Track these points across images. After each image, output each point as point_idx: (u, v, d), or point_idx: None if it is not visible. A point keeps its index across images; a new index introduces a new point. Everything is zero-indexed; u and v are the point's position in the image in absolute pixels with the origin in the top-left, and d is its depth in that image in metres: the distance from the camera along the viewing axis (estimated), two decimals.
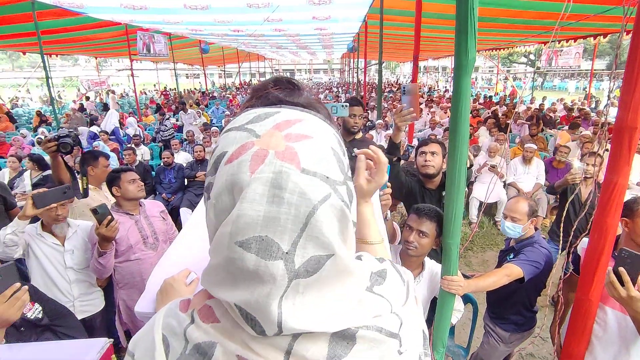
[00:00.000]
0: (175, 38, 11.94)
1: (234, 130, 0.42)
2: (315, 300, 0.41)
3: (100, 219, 1.80)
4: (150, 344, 0.46)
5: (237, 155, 0.39)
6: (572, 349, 1.58)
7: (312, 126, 0.43)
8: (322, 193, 0.38)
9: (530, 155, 4.87)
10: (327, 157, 0.41)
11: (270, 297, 0.38)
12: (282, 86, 0.50)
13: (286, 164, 0.38)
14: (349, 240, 0.43)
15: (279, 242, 0.37)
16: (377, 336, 0.44)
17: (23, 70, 35.41)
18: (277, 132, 0.40)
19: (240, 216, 0.37)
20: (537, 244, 1.91)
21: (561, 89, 29.15)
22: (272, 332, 0.40)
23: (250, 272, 0.38)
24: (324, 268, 0.40)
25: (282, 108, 0.44)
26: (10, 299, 1.11)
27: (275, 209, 0.37)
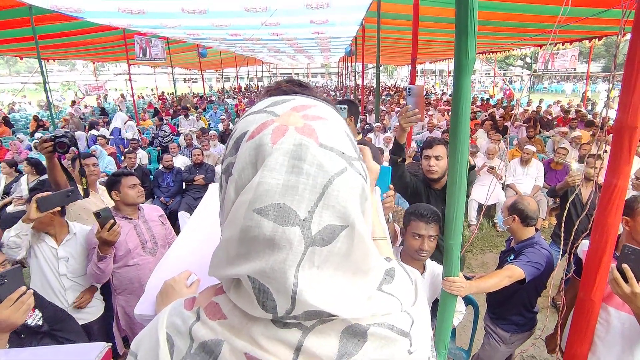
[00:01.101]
0: (173, 42, 11.95)
1: (253, 114, 0.44)
2: (330, 280, 0.41)
3: (102, 223, 1.79)
4: (154, 343, 0.44)
5: (258, 132, 0.41)
6: (574, 349, 1.57)
7: (326, 111, 0.45)
8: (339, 166, 0.40)
9: (528, 157, 4.89)
10: (342, 136, 0.43)
11: (287, 264, 0.38)
12: (294, 85, 0.52)
13: (305, 137, 0.39)
14: (367, 217, 0.43)
15: (296, 209, 0.38)
16: (389, 334, 0.43)
17: (20, 75, 35.37)
18: (295, 112, 0.42)
19: (261, 184, 0.38)
20: (538, 245, 1.91)
21: (557, 92, 29.35)
22: (284, 308, 0.39)
23: (267, 239, 0.38)
24: (338, 239, 0.39)
25: (297, 96, 0.47)
26: (15, 303, 1.09)
27: (294, 179, 0.38)
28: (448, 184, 1.37)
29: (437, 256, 1.79)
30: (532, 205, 1.99)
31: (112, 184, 2.19)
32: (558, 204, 3.98)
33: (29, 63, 20.55)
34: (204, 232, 0.93)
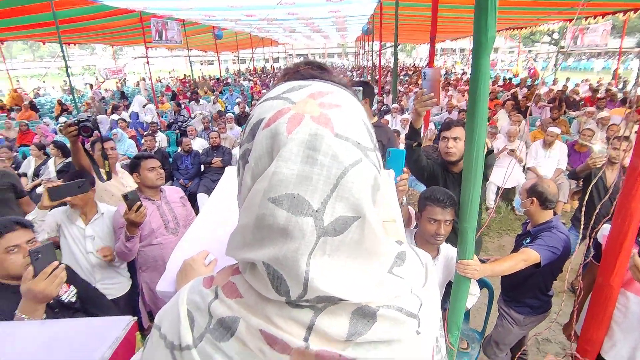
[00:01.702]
0: (188, 24, 11.92)
1: (270, 99, 0.44)
2: (342, 267, 0.42)
3: (130, 205, 1.86)
4: (175, 318, 0.47)
5: (274, 120, 0.41)
6: (590, 334, 1.56)
7: (343, 98, 0.44)
8: (354, 157, 0.40)
9: (551, 139, 4.71)
10: (358, 125, 0.42)
11: (299, 253, 0.39)
12: (313, 67, 0.51)
13: (321, 127, 0.39)
14: (377, 205, 0.44)
15: (309, 200, 0.39)
16: (398, 316, 0.45)
17: (44, 60, 36.22)
18: (312, 100, 0.42)
19: (276, 173, 0.39)
20: (555, 229, 1.87)
21: (586, 69, 27.86)
22: (297, 292, 0.41)
23: (281, 228, 0.39)
24: (350, 229, 0.40)
25: (314, 81, 0.46)
26: (49, 276, 1.17)
27: (308, 169, 0.39)
28: (464, 166, 1.35)
29: (452, 239, 1.79)
30: (552, 188, 1.95)
31: (133, 167, 2.26)
32: (581, 187, 3.87)
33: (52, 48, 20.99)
34: (220, 214, 0.96)
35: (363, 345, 0.43)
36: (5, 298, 1.31)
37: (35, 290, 1.15)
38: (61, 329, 1.03)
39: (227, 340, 0.43)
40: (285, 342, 0.42)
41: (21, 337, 0.99)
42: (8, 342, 0.97)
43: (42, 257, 1.17)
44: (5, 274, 1.36)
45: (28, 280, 1.15)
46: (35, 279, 1.15)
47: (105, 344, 0.94)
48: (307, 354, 0.42)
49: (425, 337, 0.48)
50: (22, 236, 1.40)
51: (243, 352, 0.43)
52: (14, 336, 1.00)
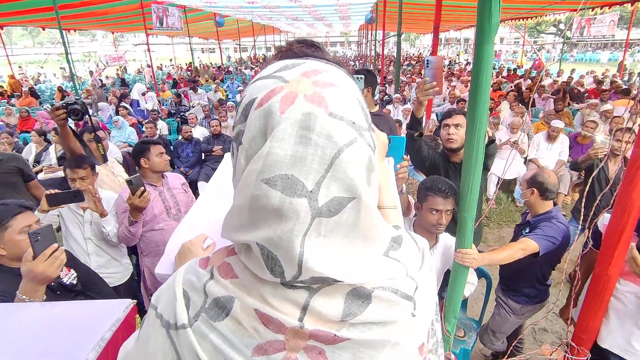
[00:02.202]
0: (190, 11, 11.77)
1: (262, 79, 0.43)
2: (336, 248, 0.42)
3: (134, 190, 1.86)
4: (171, 297, 0.47)
5: (266, 99, 0.40)
6: (586, 323, 1.58)
7: (338, 76, 0.43)
8: (349, 137, 0.39)
9: (555, 134, 4.67)
10: (353, 104, 0.42)
11: (294, 234, 0.39)
12: (306, 45, 0.50)
13: (315, 107, 0.39)
14: (373, 187, 0.44)
15: (304, 181, 0.38)
16: (393, 297, 0.45)
17: (43, 46, 35.94)
18: (305, 78, 0.41)
19: (269, 154, 0.38)
20: (555, 219, 1.87)
21: (592, 61, 27.53)
22: (291, 273, 0.41)
23: (275, 209, 0.39)
24: (345, 210, 0.40)
25: (308, 59, 0.45)
26: (49, 258, 1.18)
27: (302, 149, 0.38)
28: (464, 155, 1.35)
29: (451, 227, 1.79)
30: (553, 178, 1.94)
31: (141, 151, 2.23)
32: (582, 179, 3.85)
33: (51, 34, 20.81)
34: (219, 198, 0.96)
35: (358, 326, 0.43)
36: (9, 280, 1.32)
37: (36, 271, 1.16)
38: (62, 311, 1.05)
39: (222, 320, 0.44)
40: (280, 321, 0.42)
41: (22, 319, 1.00)
42: (9, 324, 0.98)
43: (42, 238, 1.18)
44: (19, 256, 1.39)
45: (28, 261, 1.16)
46: (35, 260, 1.16)
47: (106, 325, 0.95)
48: (301, 333, 0.42)
49: (421, 320, 0.48)
50: (29, 218, 1.43)
51: (238, 331, 0.43)
52: (15, 318, 1.01)
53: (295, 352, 0.43)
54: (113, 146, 5.11)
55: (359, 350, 0.43)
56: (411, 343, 0.46)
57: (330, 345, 0.43)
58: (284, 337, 0.42)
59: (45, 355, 0.87)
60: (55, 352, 0.88)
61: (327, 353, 0.43)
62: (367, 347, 0.43)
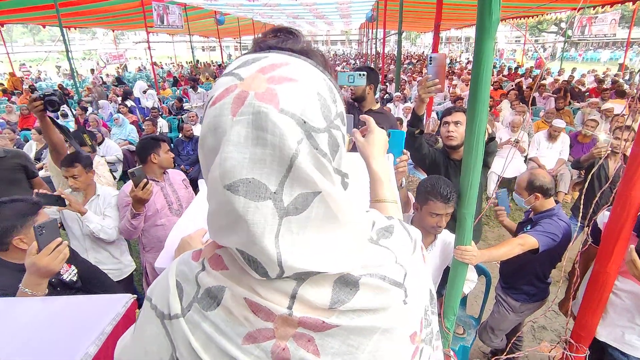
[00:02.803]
0: (190, 9, 11.76)
1: (223, 76, 0.42)
2: (313, 242, 0.41)
3: (136, 182, 1.87)
4: (165, 288, 0.48)
5: (220, 98, 0.39)
6: (585, 320, 1.58)
7: (298, 70, 0.41)
8: (297, 137, 0.38)
9: (556, 134, 4.66)
10: (310, 101, 0.40)
11: (265, 237, 0.39)
12: (280, 35, 0.48)
13: (264, 104, 0.37)
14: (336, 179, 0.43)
15: (266, 183, 0.38)
16: (381, 284, 0.45)
17: (44, 44, 35.90)
18: (261, 74, 0.40)
19: (226, 159, 0.38)
20: (557, 216, 1.88)
21: (593, 60, 27.46)
22: (275, 272, 0.41)
23: (239, 215, 0.38)
24: (312, 205, 0.40)
25: (270, 53, 0.43)
26: (53, 252, 1.20)
27: (259, 151, 0.37)
28: (464, 152, 1.35)
29: (450, 224, 1.80)
30: (547, 176, 1.96)
31: (152, 147, 2.23)
32: (582, 177, 3.86)
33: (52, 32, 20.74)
34: None
35: (347, 313, 0.43)
36: (10, 275, 1.34)
37: (39, 265, 1.17)
38: (63, 305, 1.05)
39: (213, 309, 0.44)
40: (269, 309, 0.43)
41: (23, 313, 1.01)
42: (10, 318, 0.99)
43: (47, 232, 1.20)
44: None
45: (32, 254, 1.18)
46: (39, 253, 1.18)
47: (106, 319, 0.96)
48: (290, 320, 0.43)
49: (413, 308, 0.48)
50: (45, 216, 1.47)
51: (228, 320, 0.44)
52: (16, 312, 1.02)
53: (285, 339, 0.43)
54: (113, 144, 5.13)
55: (348, 337, 0.44)
56: (402, 330, 0.47)
57: (319, 333, 0.43)
58: (274, 325, 0.43)
59: (46, 348, 0.88)
60: (56, 346, 0.88)
61: (316, 340, 0.43)
62: (357, 334, 0.44)
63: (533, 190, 1.94)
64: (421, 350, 0.50)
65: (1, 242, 1.38)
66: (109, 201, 2.22)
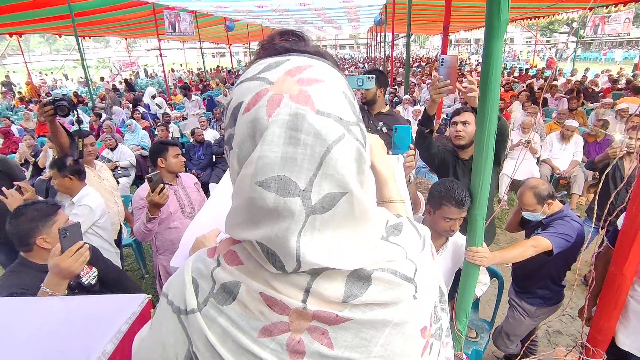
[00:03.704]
0: (200, 16, 11.96)
1: (247, 81, 0.43)
2: (332, 239, 0.43)
3: (153, 187, 1.90)
4: (181, 285, 0.49)
5: (253, 103, 0.41)
6: (602, 324, 1.55)
7: (322, 71, 0.43)
8: (337, 133, 0.40)
9: (570, 133, 4.59)
10: (340, 99, 0.42)
11: (289, 232, 0.41)
12: (288, 37, 0.50)
13: (301, 106, 0.39)
14: (365, 180, 0.45)
15: (296, 180, 0.39)
16: (392, 278, 0.46)
17: (60, 53, 36.86)
18: (289, 77, 0.41)
19: (260, 157, 0.39)
20: (568, 217, 1.84)
21: (608, 61, 26.95)
22: (292, 266, 0.43)
23: (270, 210, 0.40)
24: (338, 205, 0.41)
25: (291, 56, 0.45)
26: (75, 254, 1.25)
27: (292, 150, 0.39)
28: (475, 153, 1.34)
29: (462, 226, 1.79)
30: (543, 182, 1.96)
31: (159, 152, 2.29)
32: (597, 179, 3.78)
33: (67, 41, 21.33)
34: (231, 194, 0.98)
35: (359, 307, 0.44)
36: (33, 275, 1.40)
37: (61, 266, 1.22)
38: (81, 305, 1.08)
39: (229, 304, 0.45)
40: (285, 303, 0.44)
41: (43, 312, 1.04)
42: (31, 316, 1.02)
43: (70, 235, 1.25)
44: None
45: (56, 256, 1.23)
46: (62, 255, 1.23)
47: (122, 318, 0.98)
48: (304, 314, 0.44)
49: (423, 303, 0.49)
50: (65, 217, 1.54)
51: (244, 314, 0.45)
52: (36, 311, 1.05)
53: (300, 332, 0.44)
54: (126, 149, 5.23)
55: (361, 330, 0.44)
56: (413, 325, 0.47)
57: (332, 326, 0.44)
58: (288, 319, 0.44)
59: (64, 346, 0.90)
60: (74, 344, 0.91)
61: (330, 333, 0.44)
62: (369, 327, 0.45)
63: (544, 200, 1.90)
64: (431, 344, 0.51)
65: (26, 243, 1.43)
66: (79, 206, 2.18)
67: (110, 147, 4.99)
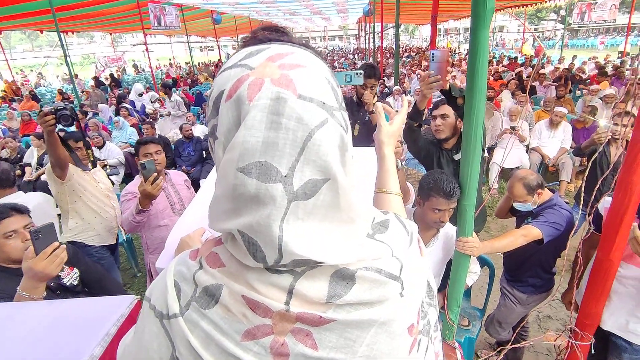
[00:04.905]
0: (187, 9, 11.73)
1: (227, 69, 0.42)
2: (316, 230, 0.42)
3: (146, 176, 1.80)
4: (163, 289, 0.48)
5: (235, 89, 0.40)
6: (589, 309, 1.58)
7: (304, 57, 0.43)
8: (319, 118, 0.39)
9: (558, 119, 4.62)
10: (322, 84, 0.41)
11: (271, 218, 0.40)
12: (270, 31, 0.49)
13: (283, 90, 0.38)
14: (348, 167, 0.43)
15: (277, 166, 0.38)
16: (377, 277, 0.45)
17: (42, 49, 35.95)
18: (271, 62, 0.40)
19: (241, 143, 0.38)
20: (558, 205, 1.87)
21: (593, 47, 27.19)
22: (273, 258, 0.41)
23: (252, 196, 0.39)
24: (320, 191, 0.40)
25: (272, 44, 0.44)
26: (50, 256, 1.19)
27: (273, 135, 0.38)
28: (463, 143, 1.34)
29: (452, 216, 1.80)
30: (531, 172, 1.98)
31: (137, 150, 2.27)
32: (585, 165, 3.84)
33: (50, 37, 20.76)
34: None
35: (344, 307, 0.44)
36: (8, 279, 1.34)
37: (36, 269, 1.17)
38: (68, 308, 1.06)
39: (212, 307, 0.45)
40: (267, 305, 0.43)
41: (28, 317, 1.01)
42: (15, 322, 1.00)
43: (43, 237, 1.19)
44: (6, 258, 1.40)
45: (29, 259, 1.18)
46: (35, 258, 1.17)
47: (110, 321, 0.96)
48: (288, 316, 0.43)
49: (410, 300, 0.48)
50: (18, 221, 1.43)
51: (227, 318, 0.44)
52: (21, 316, 1.02)
53: (283, 335, 0.43)
54: (114, 146, 5.15)
55: (346, 330, 0.44)
56: (400, 323, 0.47)
57: (316, 327, 0.43)
58: (271, 321, 0.43)
59: (52, 350, 0.89)
60: (61, 348, 0.89)
61: (314, 335, 0.43)
62: (354, 327, 0.44)
63: (534, 191, 1.92)
64: (419, 341, 0.50)
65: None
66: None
67: (98, 145, 4.91)
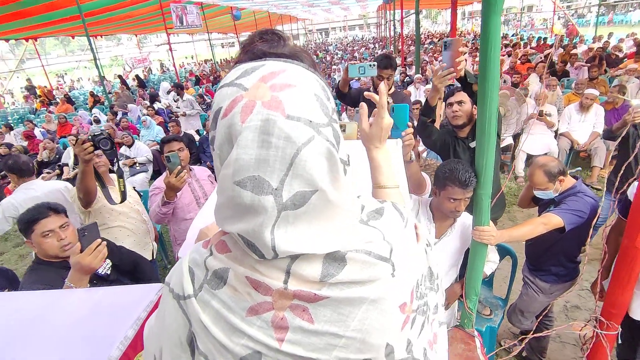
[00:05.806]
0: (207, 7, 11.94)
1: (226, 86, 0.47)
2: (307, 231, 0.47)
3: (171, 168, 1.88)
4: (180, 274, 0.55)
5: (230, 109, 0.45)
6: (615, 297, 1.53)
7: (295, 75, 0.47)
8: (306, 136, 0.44)
9: (589, 102, 4.36)
10: (311, 102, 0.46)
11: (263, 226, 0.45)
12: (267, 38, 0.54)
13: (272, 112, 0.43)
14: (339, 178, 0.48)
15: (269, 180, 0.44)
16: (366, 258, 0.50)
17: (74, 54, 37.64)
18: (263, 84, 0.45)
19: (237, 160, 0.44)
20: (581, 192, 1.80)
21: (625, 22, 25.28)
22: (270, 255, 0.47)
23: (247, 206, 0.45)
24: (310, 202, 0.45)
25: (267, 61, 0.48)
26: (94, 252, 1.36)
27: (264, 152, 0.43)
28: (477, 132, 1.33)
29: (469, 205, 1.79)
30: (552, 159, 1.92)
31: (161, 150, 2.39)
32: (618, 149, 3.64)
33: (81, 42, 21.69)
34: None
35: (337, 285, 0.49)
36: (52, 272, 1.52)
37: (82, 263, 1.33)
38: (104, 295, 1.17)
39: (221, 288, 0.51)
40: (267, 284, 0.49)
41: (70, 303, 1.13)
42: (60, 307, 1.11)
43: (88, 234, 1.37)
44: (45, 255, 1.56)
45: (76, 254, 1.34)
46: (82, 253, 1.34)
47: (141, 306, 1.05)
48: (286, 293, 0.49)
49: (402, 280, 0.52)
50: (55, 221, 1.56)
51: (234, 297, 0.50)
52: (65, 302, 1.14)
53: (283, 310, 0.49)
54: (143, 145, 5.38)
55: (339, 306, 0.49)
56: (391, 301, 0.51)
57: (312, 303, 0.49)
58: (272, 299, 0.49)
59: (90, 333, 0.99)
60: (99, 330, 0.99)
61: (310, 310, 0.49)
62: (346, 304, 0.49)
63: (555, 178, 1.86)
64: (413, 319, 0.54)
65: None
66: None
67: (127, 144, 5.15)
